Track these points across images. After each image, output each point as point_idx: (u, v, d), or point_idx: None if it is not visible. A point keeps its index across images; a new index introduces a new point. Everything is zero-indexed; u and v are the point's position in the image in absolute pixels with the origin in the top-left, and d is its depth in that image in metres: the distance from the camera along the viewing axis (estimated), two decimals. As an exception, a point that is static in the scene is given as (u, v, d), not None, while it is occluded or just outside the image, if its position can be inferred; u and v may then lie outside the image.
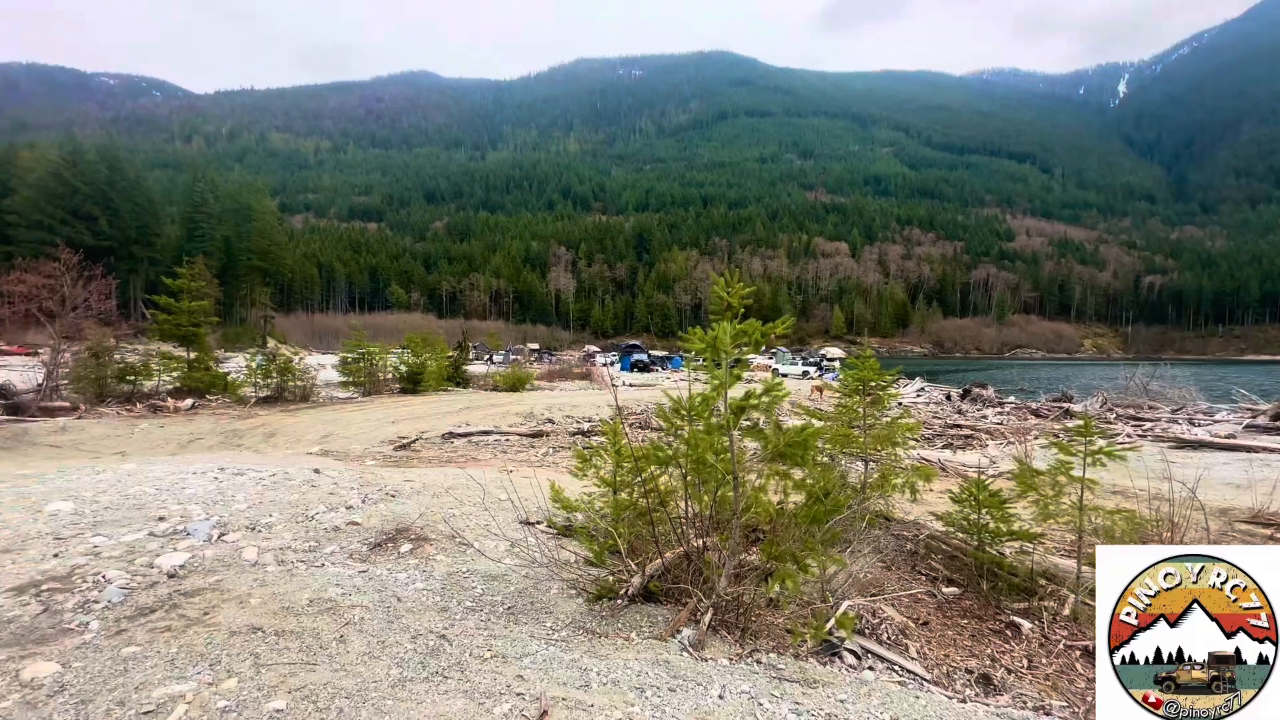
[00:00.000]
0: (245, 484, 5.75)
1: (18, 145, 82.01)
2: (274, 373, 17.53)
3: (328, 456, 9.97)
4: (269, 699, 2.30)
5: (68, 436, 12.07)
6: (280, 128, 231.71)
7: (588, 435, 12.73)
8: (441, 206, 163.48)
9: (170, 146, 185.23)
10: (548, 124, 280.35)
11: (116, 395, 15.82)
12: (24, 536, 4.02)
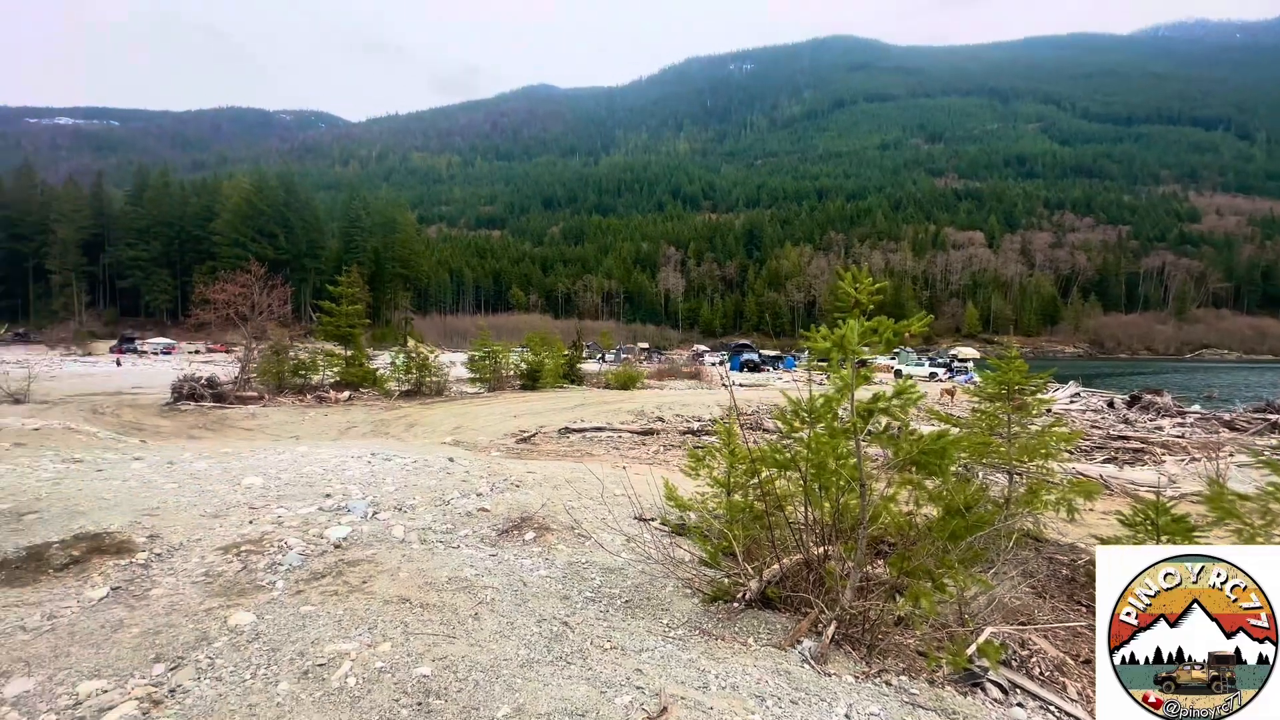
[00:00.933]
0: (392, 469, 6.41)
1: (220, 178, 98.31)
2: (414, 369, 19.41)
3: (459, 446, 10.83)
4: (417, 664, 2.54)
5: (256, 421, 14.22)
6: (419, 147, 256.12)
7: (698, 435, 12.71)
8: (557, 212, 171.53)
9: (332, 170, 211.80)
10: (658, 125, 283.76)
11: (291, 387, 18.39)
12: (228, 505, 4.79)
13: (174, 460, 6.80)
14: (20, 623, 2.79)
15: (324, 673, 2.46)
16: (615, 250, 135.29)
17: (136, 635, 2.71)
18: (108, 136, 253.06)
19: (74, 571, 3.40)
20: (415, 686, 2.39)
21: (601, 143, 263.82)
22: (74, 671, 2.42)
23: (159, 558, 3.65)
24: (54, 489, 5.15)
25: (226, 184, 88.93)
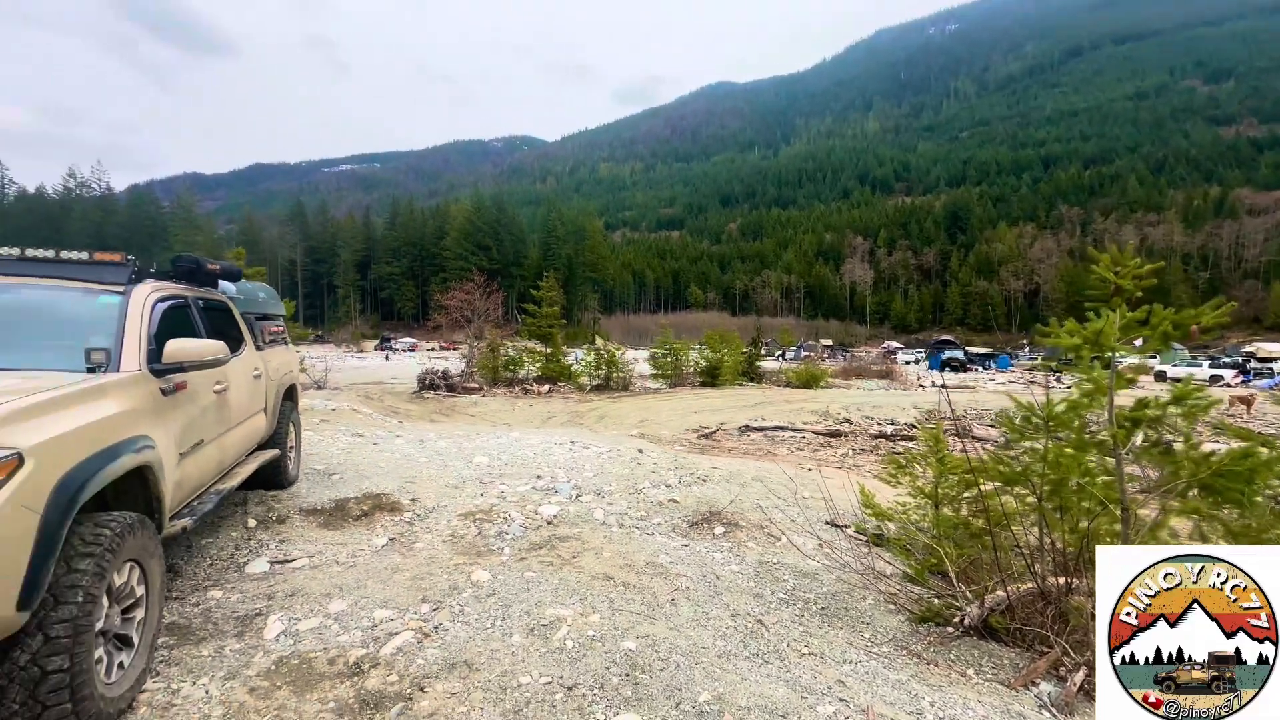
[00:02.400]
0: (590, 457, 7.00)
1: (449, 202, 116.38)
2: (603, 366, 20.91)
3: (644, 439, 11.39)
4: (623, 639, 2.75)
5: (477, 409, 16.55)
6: (605, 158, 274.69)
7: (891, 439, 11.69)
8: (735, 209, 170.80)
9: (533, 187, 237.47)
10: (843, 108, 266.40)
11: (503, 380, 21.07)
12: (464, 479, 5.67)
13: (424, 439, 8.24)
14: (335, 558, 3.63)
15: (547, 632, 2.79)
16: (795, 243, 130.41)
17: (409, 578, 3.36)
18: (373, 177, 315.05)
19: (364, 522, 4.32)
20: (623, 658, 2.59)
21: (781, 133, 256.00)
22: (370, 600, 3.07)
23: (419, 518, 4.46)
24: (347, 457, 6.60)
25: (453, 207, 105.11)
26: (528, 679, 2.42)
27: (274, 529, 4.07)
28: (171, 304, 3.17)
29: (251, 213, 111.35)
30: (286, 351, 5.37)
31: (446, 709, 2.22)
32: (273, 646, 2.63)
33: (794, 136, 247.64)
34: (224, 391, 3.42)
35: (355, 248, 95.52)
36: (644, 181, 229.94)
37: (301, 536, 3.97)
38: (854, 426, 13.32)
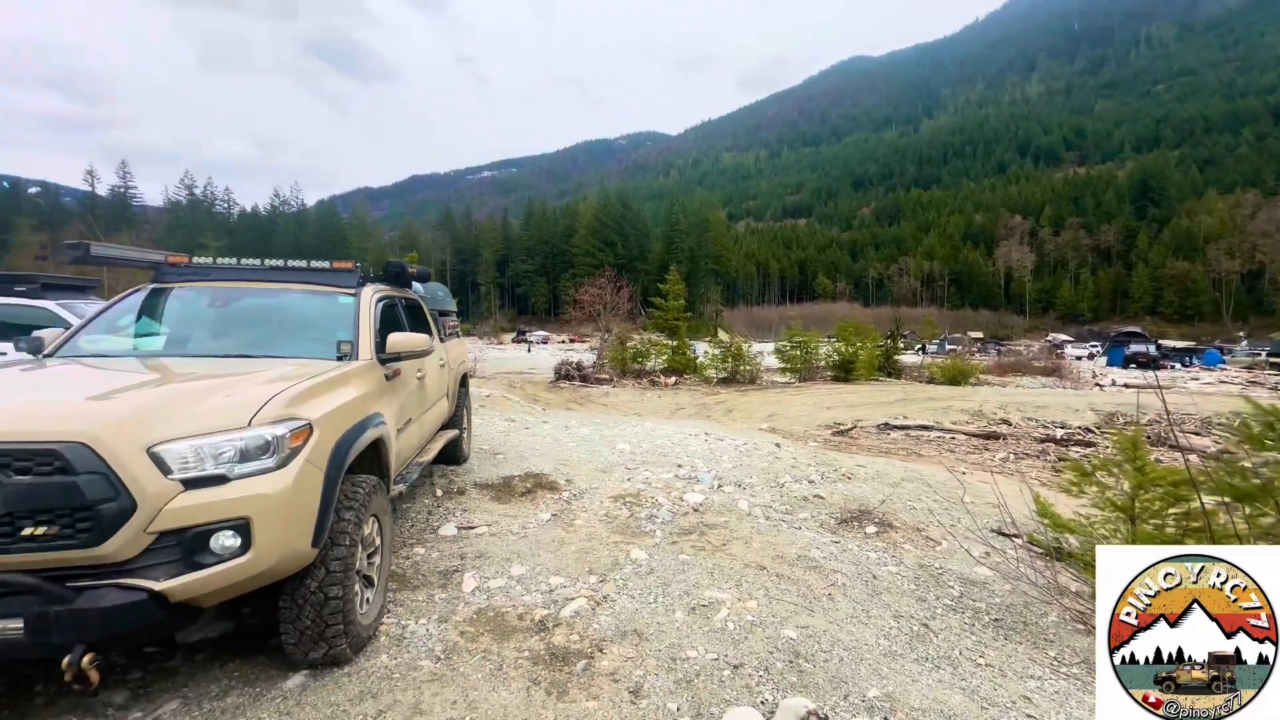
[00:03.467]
0: (726, 449, 7.07)
1: (577, 200, 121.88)
2: (729, 359, 20.79)
3: (776, 434, 11.20)
4: (782, 626, 2.80)
5: (609, 399, 17.29)
6: (729, 147, 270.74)
7: (1063, 444, 10.37)
8: (869, 192, 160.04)
9: (656, 182, 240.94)
10: (998, 72, 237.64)
11: (631, 372, 21.77)
12: (610, 464, 6.02)
13: (567, 426, 8.84)
14: (509, 528, 4.07)
15: (707, 612, 2.92)
16: (938, 226, 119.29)
17: (575, 551, 3.67)
18: (510, 181, 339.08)
19: (529, 499, 4.78)
20: (784, 645, 2.64)
21: (923, 107, 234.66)
22: (544, 568, 3.42)
23: (575, 497, 4.84)
24: (505, 439, 7.28)
25: (581, 205, 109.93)
26: (694, 653, 2.56)
27: (456, 499, 4.64)
28: (385, 303, 3.75)
29: (410, 220, 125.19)
30: (460, 344, 6.06)
31: (624, 670, 2.43)
32: (471, 599, 3.03)
33: (938, 109, 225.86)
34: (423, 378, 3.97)
35: (495, 248, 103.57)
36: (768, 169, 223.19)
37: (479, 507, 4.49)
38: (1013, 429, 12.00)
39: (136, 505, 1.73)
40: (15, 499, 1.62)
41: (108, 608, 1.67)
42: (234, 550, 1.89)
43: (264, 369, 2.57)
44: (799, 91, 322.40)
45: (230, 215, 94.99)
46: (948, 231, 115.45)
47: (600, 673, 2.41)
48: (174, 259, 3.45)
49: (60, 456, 1.66)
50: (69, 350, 2.91)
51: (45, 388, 2.30)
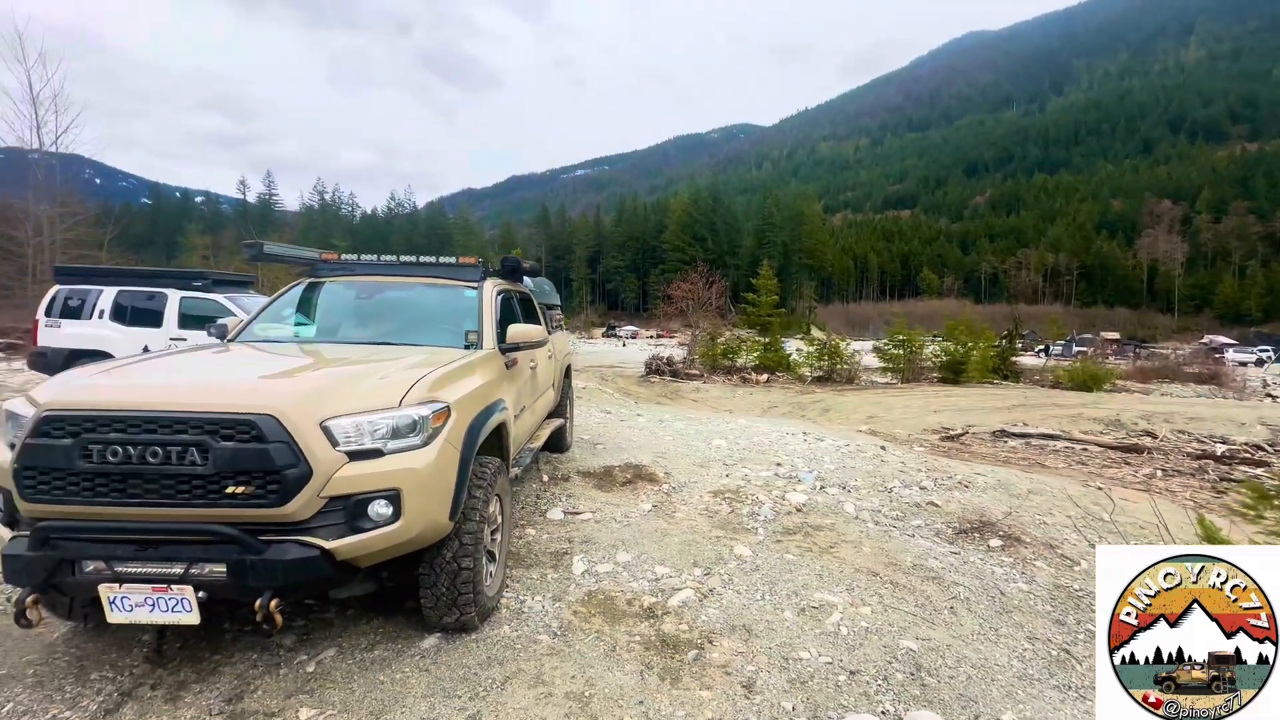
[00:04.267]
0: (827, 449, 6.82)
1: (668, 196, 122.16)
2: (825, 357, 20.02)
3: (876, 436, 10.66)
4: (900, 636, 2.67)
5: (699, 395, 17.24)
6: (826, 137, 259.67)
7: (1226, 461, 9.04)
8: (983, 179, 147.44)
9: (748, 175, 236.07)
10: (1145, 38, 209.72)
11: (721, 368, 21.55)
12: (707, 459, 6.01)
13: (662, 420, 8.92)
14: (612, 516, 4.18)
15: (818, 614, 2.84)
16: (1066, 215, 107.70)
17: (678, 543, 3.71)
18: (603, 178, 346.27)
19: (630, 489, 4.88)
20: (904, 656, 2.52)
21: (1050, 82, 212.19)
22: (649, 557, 3.48)
23: (675, 490, 4.88)
24: (603, 430, 7.48)
25: (671, 201, 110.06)
26: (806, 655, 2.51)
27: (561, 485, 4.84)
28: (503, 296, 3.97)
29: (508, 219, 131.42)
30: (564, 336, 6.29)
31: (736, 664, 2.43)
32: (581, 580, 3.15)
33: (1069, 84, 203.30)
34: (535, 368, 4.16)
35: (587, 244, 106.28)
36: (869, 158, 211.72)
37: (582, 494, 4.65)
38: (1159, 442, 10.61)
39: (312, 472, 1.95)
40: (222, 461, 1.88)
41: (290, 560, 1.91)
42: (387, 518, 2.09)
43: (404, 355, 2.80)
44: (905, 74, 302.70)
45: (353, 217, 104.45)
46: (1077, 220, 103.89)
47: (712, 664, 2.42)
48: (326, 256, 3.85)
49: (256, 427, 1.91)
50: (246, 336, 3.34)
51: (237, 368, 2.65)
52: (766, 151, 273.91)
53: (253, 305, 7.97)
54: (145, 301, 7.79)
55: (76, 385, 2.12)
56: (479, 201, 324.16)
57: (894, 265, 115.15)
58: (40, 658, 2.33)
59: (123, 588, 1.90)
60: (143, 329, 7.64)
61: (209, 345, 3.24)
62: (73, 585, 1.94)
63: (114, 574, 1.91)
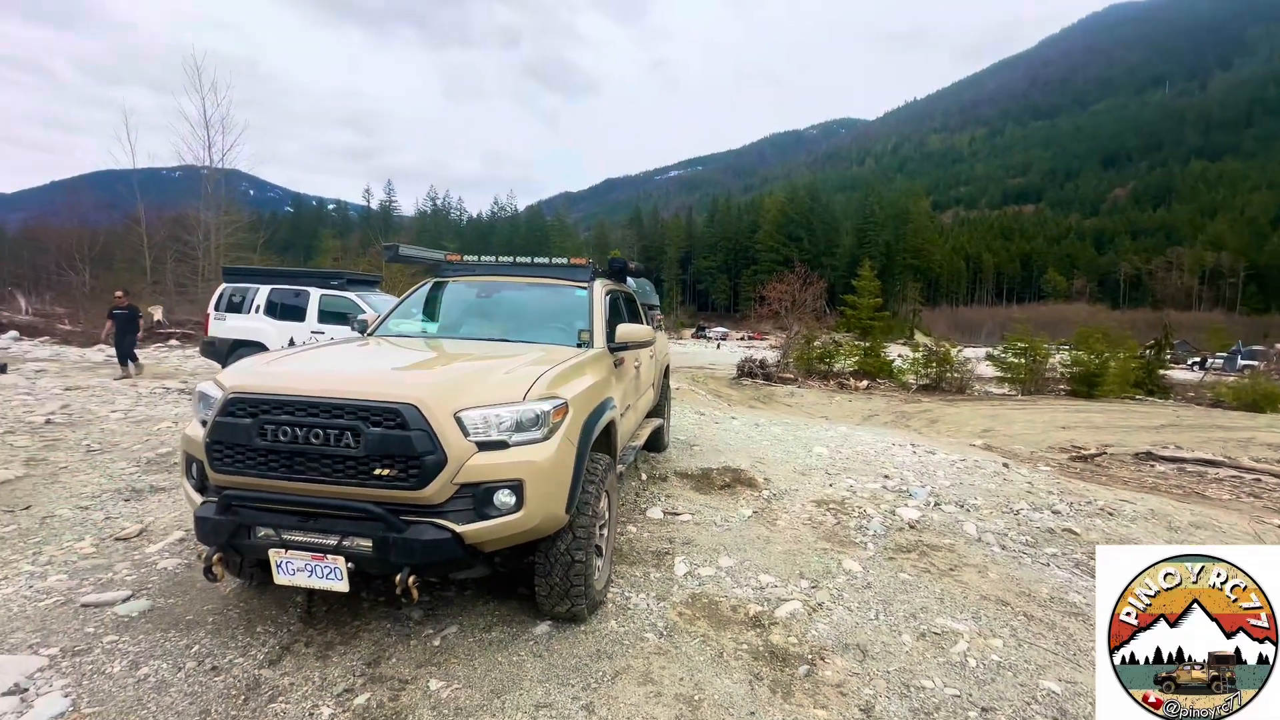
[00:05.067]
0: (940, 463, 6.35)
1: (762, 195, 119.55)
2: (933, 363, 18.70)
3: (992, 451, 9.79)
4: (1040, 676, 2.41)
5: (793, 399, 16.70)
6: (937, 129, 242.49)
7: None
8: (1124, 169, 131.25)
9: (848, 172, 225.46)
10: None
11: (817, 372, 20.75)
12: (808, 466, 5.80)
13: (757, 423, 8.73)
14: (712, 519, 4.14)
15: (940, 641, 2.64)
16: (1231, 208, 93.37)
17: (781, 552, 3.60)
18: (695, 179, 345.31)
19: (728, 492, 4.81)
20: (1046, 698, 2.27)
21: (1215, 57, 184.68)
22: (752, 564, 3.40)
23: (775, 497, 4.74)
24: (698, 431, 7.44)
25: (766, 200, 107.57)
26: (930, 684, 2.33)
27: (659, 485, 4.86)
28: (611, 296, 4.04)
29: (602, 220, 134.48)
30: (663, 336, 6.32)
31: (851, 685, 2.31)
32: (684, 582, 3.14)
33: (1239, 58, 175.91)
34: (639, 368, 4.20)
35: (678, 245, 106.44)
36: (986, 150, 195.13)
37: (681, 495, 4.64)
38: (1362, 476, 8.87)
39: (447, 459, 2.09)
40: (371, 445, 2.06)
41: (427, 540, 2.06)
42: (510, 507, 2.19)
43: (522, 353, 2.93)
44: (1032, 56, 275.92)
45: (461, 221, 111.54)
46: (1246, 214, 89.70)
47: (825, 682, 2.32)
48: (451, 257, 4.12)
49: (400, 415, 2.07)
50: (382, 331, 3.64)
51: (381, 361, 2.89)
52: (869, 146, 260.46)
53: (379, 302, 8.73)
54: (292, 298, 8.76)
55: (255, 372, 2.41)
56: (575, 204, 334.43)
57: (1012, 265, 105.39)
58: (217, 608, 2.67)
59: (288, 553, 2.13)
60: (289, 323, 8.60)
61: (352, 339, 3.57)
62: (248, 547, 2.20)
63: (281, 540, 2.14)
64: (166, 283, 27.42)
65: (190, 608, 2.66)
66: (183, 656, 2.29)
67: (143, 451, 5.29)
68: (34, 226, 42.22)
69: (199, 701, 2.06)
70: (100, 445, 5.44)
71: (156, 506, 3.95)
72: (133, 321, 10.43)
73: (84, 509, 3.86)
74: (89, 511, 3.82)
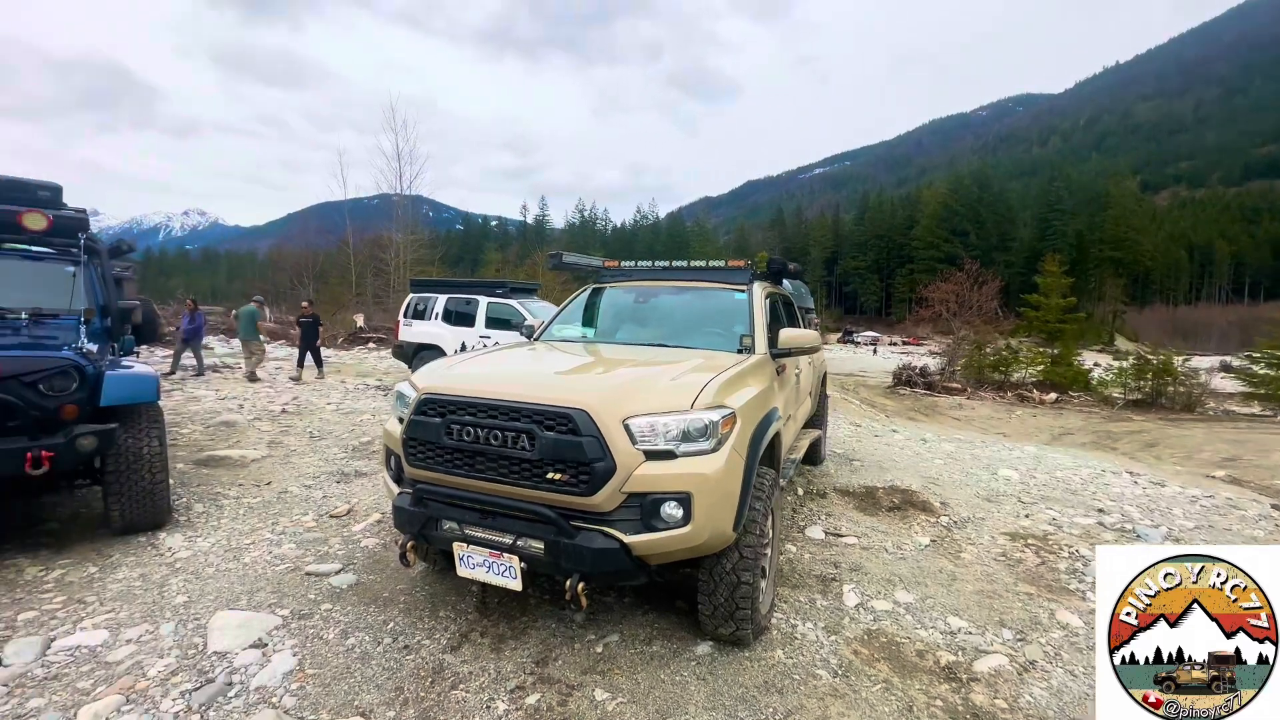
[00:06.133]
0: (1174, 498, 5.17)
1: (920, 188, 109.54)
2: (1148, 374, 15.57)
3: (1242, 487, 7.81)
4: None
5: (963, 412, 14.90)
6: (1146, 95, 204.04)
7: None
8: None
9: (1027, 155, 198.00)
10: None
11: (990, 382, 18.34)
12: (995, 492, 5.04)
13: (924, 439, 7.86)
14: (882, 544, 3.72)
15: (1215, 737, 2.05)
16: None
17: (973, 592, 3.11)
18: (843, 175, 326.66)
19: (899, 515, 4.31)
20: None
21: None
22: (937, 603, 2.97)
23: (956, 525, 4.16)
24: (857, 444, 6.86)
25: (925, 192, 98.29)
26: (1206, 793, 1.80)
27: (818, 501, 4.51)
28: (770, 299, 3.82)
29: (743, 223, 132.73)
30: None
31: (1089, 776, 1.86)
32: (856, 615, 2.82)
33: None
34: (799, 375, 3.93)
35: (824, 245, 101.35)
36: (1218, 114, 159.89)
37: (843, 515, 4.25)
38: None
39: (616, 467, 2.05)
40: (544, 448, 2.09)
41: (596, 549, 2.03)
42: (678, 520, 2.09)
43: (684, 359, 2.83)
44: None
45: (606, 231, 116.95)
46: None
47: (1050, 765, 1.90)
48: (608, 263, 4.19)
49: (572, 419, 2.08)
50: (546, 336, 3.79)
51: (550, 365, 2.96)
52: (1055, 124, 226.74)
53: (537, 308, 9.31)
54: (464, 306, 9.70)
55: (442, 374, 2.58)
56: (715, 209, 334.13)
57: (1259, 254, 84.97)
58: (407, 588, 2.92)
59: (469, 548, 2.24)
60: (462, 328, 9.52)
61: (520, 343, 3.76)
62: (436, 538, 2.35)
63: (463, 535, 2.26)
64: (366, 294, 32.14)
65: (386, 585, 2.94)
66: (381, 632, 2.52)
67: (349, 439, 6.13)
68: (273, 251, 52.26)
69: (394, 678, 2.23)
70: (319, 432, 6.40)
71: (359, 489, 4.51)
72: (314, 329, 11.20)
73: (308, 487, 4.53)
74: (311, 490, 4.47)
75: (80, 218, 4.03)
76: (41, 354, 3.09)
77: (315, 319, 11.42)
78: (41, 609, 2.66)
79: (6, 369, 2.89)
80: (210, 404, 7.89)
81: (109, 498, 3.35)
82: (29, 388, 2.98)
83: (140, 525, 3.48)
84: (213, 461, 5.09)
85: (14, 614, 2.61)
